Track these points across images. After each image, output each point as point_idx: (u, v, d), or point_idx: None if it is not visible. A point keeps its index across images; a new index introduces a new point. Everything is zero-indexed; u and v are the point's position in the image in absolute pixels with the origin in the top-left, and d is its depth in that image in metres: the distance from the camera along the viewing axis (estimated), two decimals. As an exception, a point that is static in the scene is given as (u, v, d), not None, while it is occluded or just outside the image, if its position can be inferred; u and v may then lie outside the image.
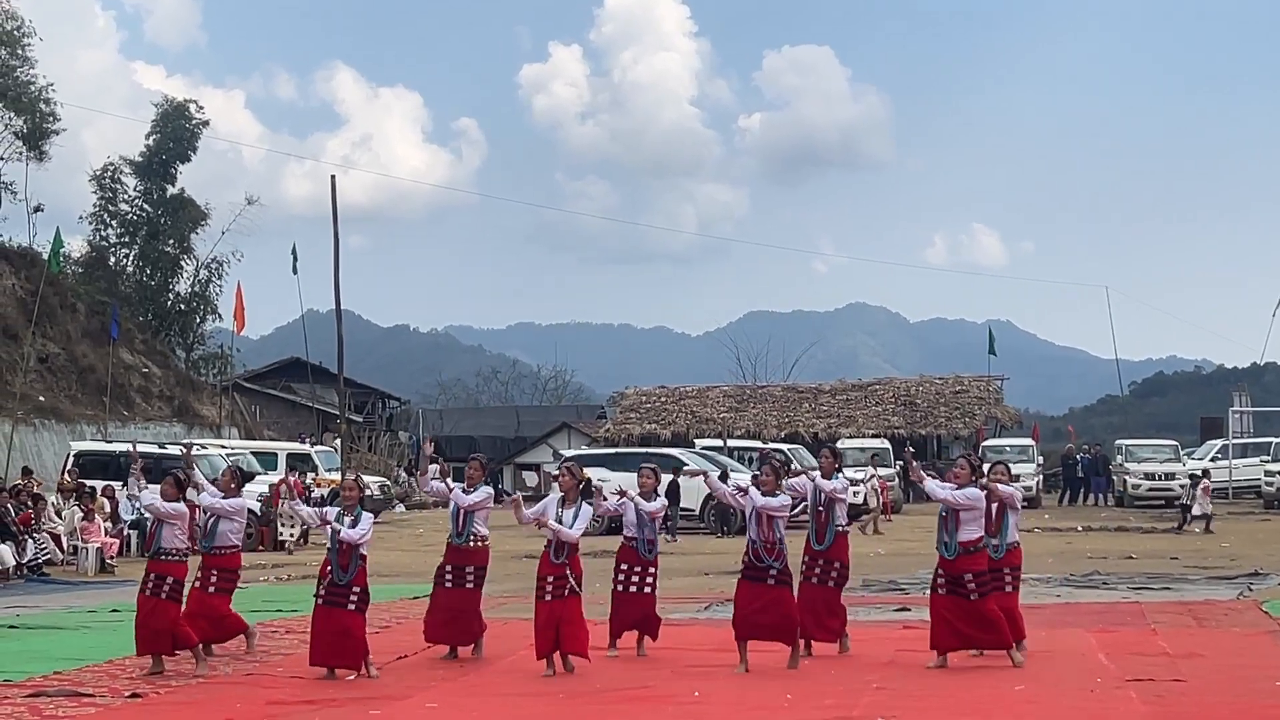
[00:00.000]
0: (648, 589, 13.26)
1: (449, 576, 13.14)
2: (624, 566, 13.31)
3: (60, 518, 26.26)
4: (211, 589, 13.06)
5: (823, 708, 10.46)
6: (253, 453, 36.91)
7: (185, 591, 12.67)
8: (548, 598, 12.10)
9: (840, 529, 13.15)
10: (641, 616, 13.27)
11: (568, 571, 12.15)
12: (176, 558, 12.57)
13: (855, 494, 31.07)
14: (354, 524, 12.12)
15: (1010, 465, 13.84)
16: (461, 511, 13.09)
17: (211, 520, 13.08)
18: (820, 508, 13.01)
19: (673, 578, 21.06)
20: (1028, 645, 12.82)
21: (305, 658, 13.32)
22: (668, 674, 12.16)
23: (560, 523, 12.19)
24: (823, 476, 13.25)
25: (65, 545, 25.59)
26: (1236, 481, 45.10)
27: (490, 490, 13.38)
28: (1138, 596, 18.51)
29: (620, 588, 13.29)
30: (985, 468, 13.06)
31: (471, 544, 13.11)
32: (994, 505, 12.60)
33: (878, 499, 33.30)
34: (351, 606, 12.06)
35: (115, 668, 12.66)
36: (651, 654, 13.14)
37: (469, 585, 13.10)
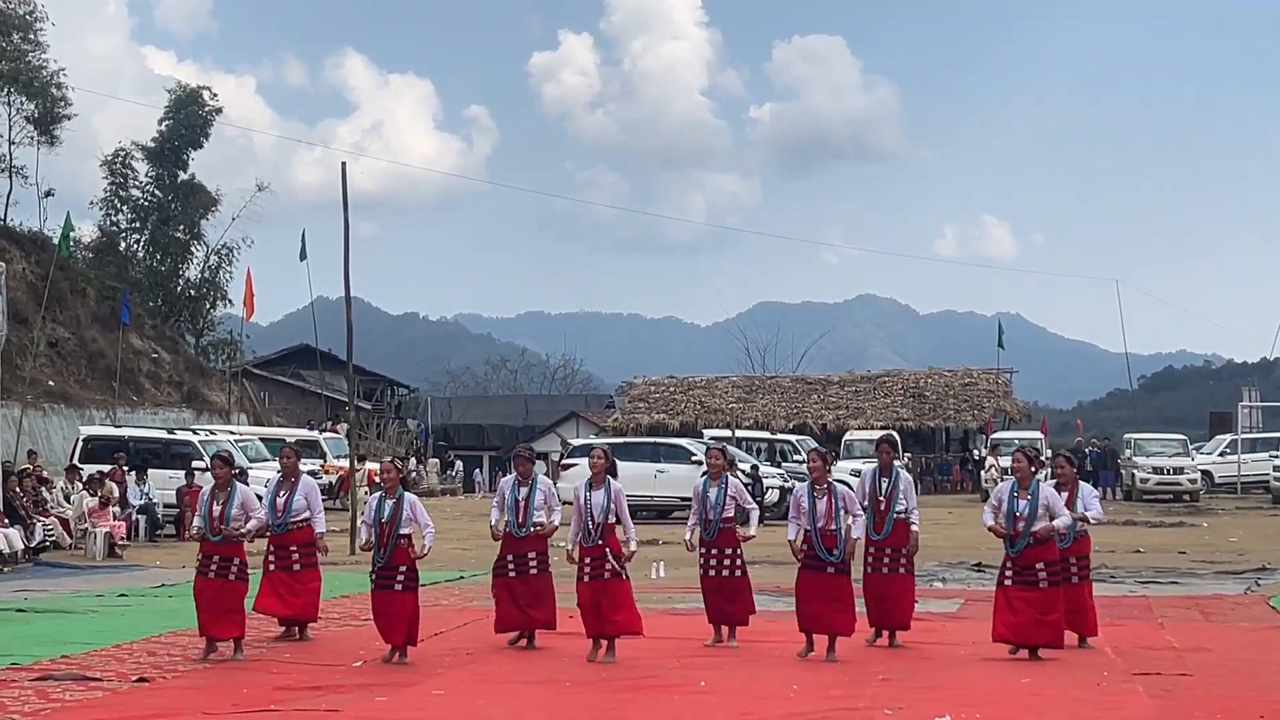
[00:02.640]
0: (739, 573, 13.20)
1: (512, 566, 13.09)
2: (700, 550, 13.29)
3: (68, 502, 26.29)
4: (297, 566, 13.54)
5: (829, 698, 10.45)
6: (261, 439, 36.96)
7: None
8: (586, 579, 12.28)
9: (899, 516, 13.16)
10: (728, 601, 13.19)
11: (607, 552, 12.31)
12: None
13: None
14: (397, 508, 12.29)
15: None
16: (521, 504, 13.05)
17: (285, 499, 13.53)
18: (880, 497, 13.04)
19: (679, 567, 21.05)
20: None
21: (312, 644, 13.41)
22: (674, 663, 12.16)
23: (589, 504, 12.30)
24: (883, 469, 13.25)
25: (73, 530, 25.63)
26: (1245, 476, 45.11)
27: (550, 483, 13.45)
28: (1145, 591, 18.49)
29: (703, 571, 13.24)
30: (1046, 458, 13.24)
31: (531, 531, 13.16)
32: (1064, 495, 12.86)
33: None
34: (399, 587, 12.25)
35: (123, 652, 12.68)
36: (657, 645, 13.10)
37: (532, 571, 13.10)
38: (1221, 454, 46.97)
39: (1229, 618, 15.57)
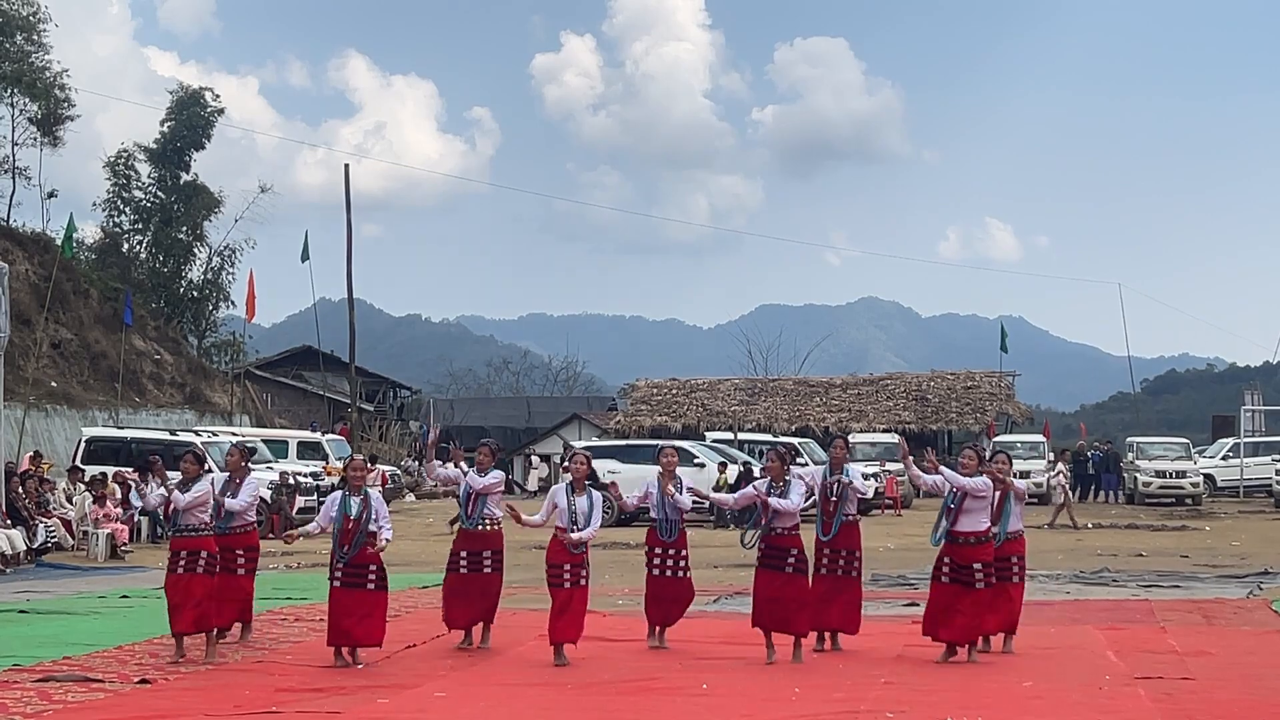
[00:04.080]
0: (681, 573, 13.18)
1: (464, 561, 13.10)
2: (656, 550, 13.25)
3: (70, 503, 26.31)
4: (241, 570, 13.32)
5: (831, 701, 10.45)
6: (264, 440, 36.98)
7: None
8: (566, 584, 12.23)
9: (848, 518, 13.12)
10: (675, 601, 13.18)
11: (585, 559, 12.34)
12: (205, 533, 12.66)
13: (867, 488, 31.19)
14: (365, 506, 12.22)
15: (1011, 456, 13.90)
16: (473, 496, 13.07)
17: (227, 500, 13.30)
18: (833, 498, 13.00)
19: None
20: (1030, 641, 12.89)
21: (314, 645, 13.38)
22: (676, 666, 12.16)
23: (574, 510, 12.27)
24: (834, 466, 13.22)
25: (75, 531, 25.65)
26: (1248, 480, 45.06)
27: (501, 474, 13.38)
28: (1147, 594, 18.48)
29: (656, 572, 13.23)
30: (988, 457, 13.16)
31: (483, 528, 13.11)
32: (996, 494, 12.67)
33: (1065, 494, 32.81)
34: (371, 585, 12.21)
35: (125, 653, 12.69)
36: (658, 647, 13.13)
37: (486, 570, 13.07)
38: (1224, 458, 46.94)
39: (1231, 621, 15.55)
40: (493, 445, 13.72)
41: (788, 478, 12.41)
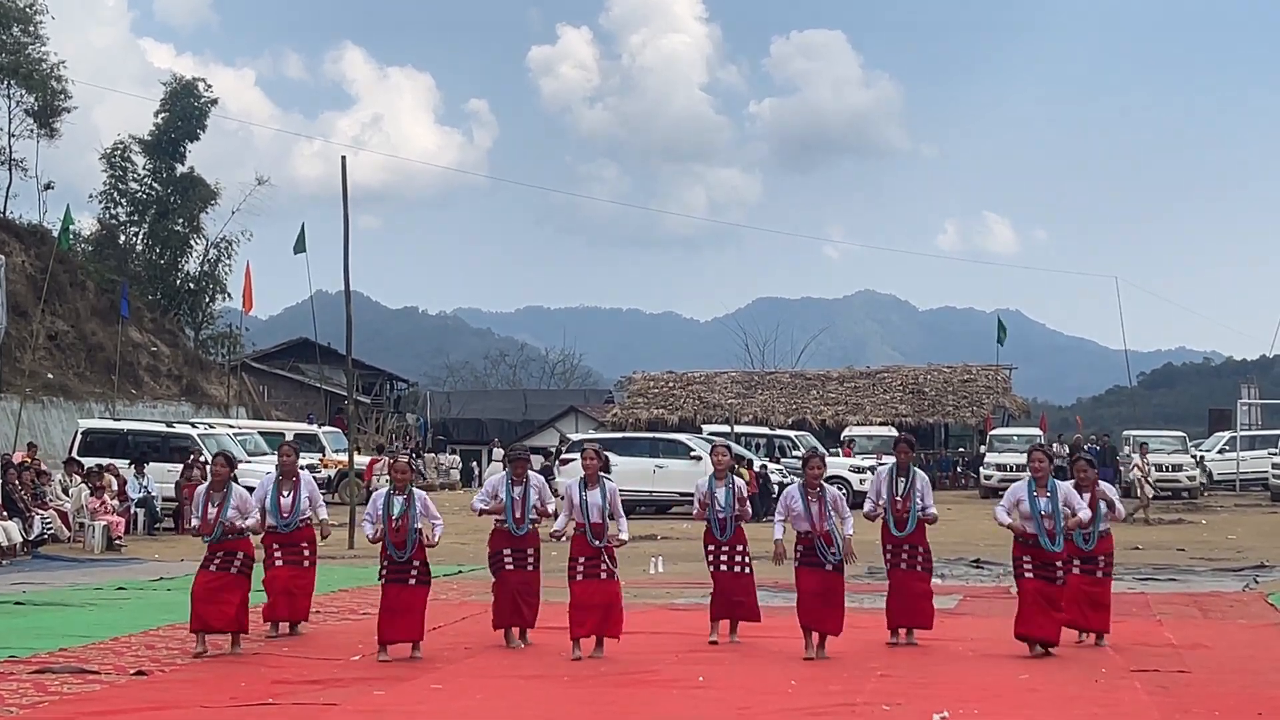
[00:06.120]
0: (745, 569, 13.18)
1: (509, 560, 12.96)
2: (710, 547, 13.25)
3: (67, 495, 26.29)
4: (307, 563, 13.75)
5: (827, 694, 10.45)
6: (260, 433, 36.96)
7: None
8: (579, 577, 12.23)
9: (921, 514, 13.20)
10: (737, 598, 13.14)
11: (603, 553, 12.30)
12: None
13: (863, 481, 31.29)
14: (409, 504, 12.37)
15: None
16: (519, 505, 12.95)
17: (292, 498, 13.67)
18: (898, 496, 13.04)
19: (677, 562, 21.08)
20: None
21: (310, 638, 13.42)
22: (673, 658, 12.16)
23: (586, 505, 12.29)
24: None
25: (72, 522, 25.64)
26: (1244, 474, 45.09)
27: (542, 480, 13.37)
28: (1144, 587, 18.51)
29: (714, 568, 13.21)
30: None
31: (530, 529, 13.10)
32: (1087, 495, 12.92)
33: (1146, 487, 32.78)
34: (413, 581, 12.29)
35: (121, 645, 12.69)
36: (656, 640, 13.12)
37: (529, 567, 13.03)
38: (1220, 451, 46.95)
39: (1227, 615, 15.59)
40: (524, 453, 13.60)
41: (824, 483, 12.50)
